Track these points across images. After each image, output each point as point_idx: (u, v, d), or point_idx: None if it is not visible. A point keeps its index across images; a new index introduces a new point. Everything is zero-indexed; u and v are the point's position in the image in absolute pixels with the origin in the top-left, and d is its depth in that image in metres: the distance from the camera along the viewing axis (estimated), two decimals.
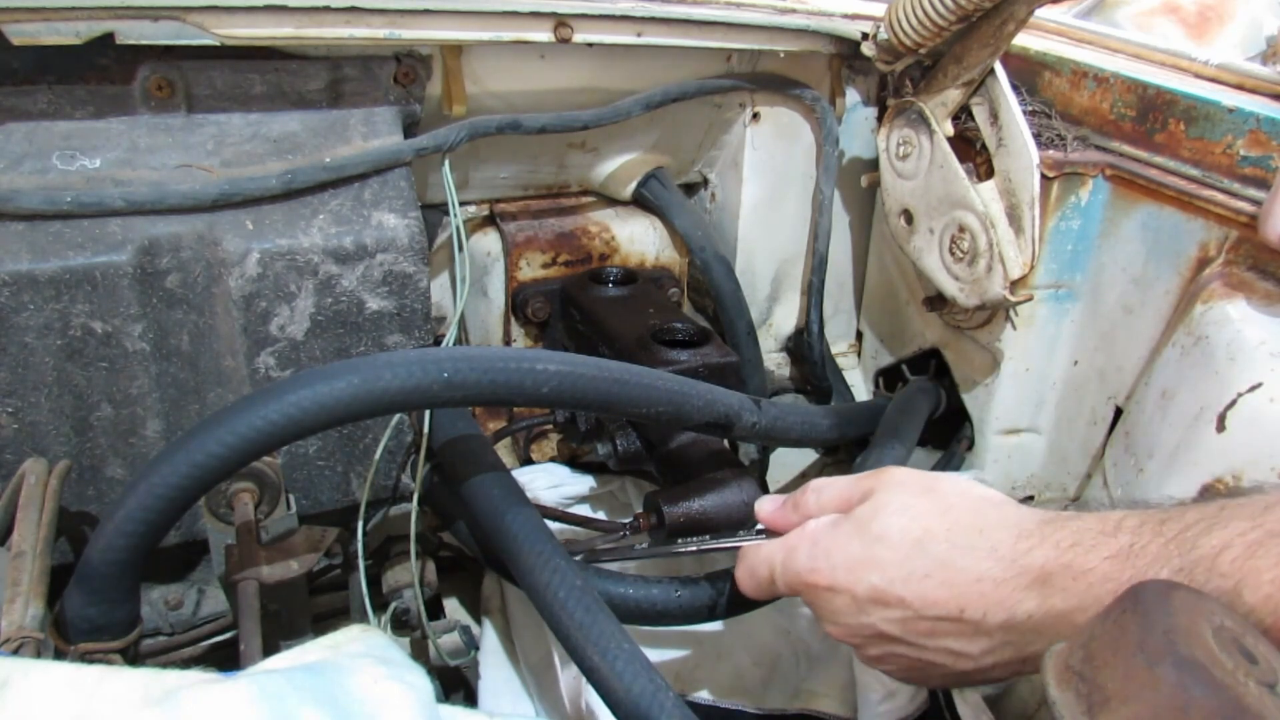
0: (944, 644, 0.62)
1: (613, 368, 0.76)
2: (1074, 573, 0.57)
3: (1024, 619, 0.58)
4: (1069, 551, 0.58)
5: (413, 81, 0.96)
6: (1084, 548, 0.57)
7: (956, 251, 1.01)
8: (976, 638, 0.61)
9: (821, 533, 0.68)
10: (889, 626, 0.64)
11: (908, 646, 0.64)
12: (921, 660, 0.64)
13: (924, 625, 0.62)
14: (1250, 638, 0.45)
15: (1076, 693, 0.47)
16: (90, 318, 0.79)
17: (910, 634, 0.63)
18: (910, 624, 0.63)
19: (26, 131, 0.83)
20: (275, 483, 0.79)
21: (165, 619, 0.97)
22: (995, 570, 0.60)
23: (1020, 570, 0.59)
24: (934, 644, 0.63)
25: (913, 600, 0.62)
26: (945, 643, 0.62)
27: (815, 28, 1.06)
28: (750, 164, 1.22)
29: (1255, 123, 0.85)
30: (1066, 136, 1.00)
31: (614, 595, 0.81)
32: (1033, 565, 0.59)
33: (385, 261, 0.87)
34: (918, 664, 0.65)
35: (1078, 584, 0.57)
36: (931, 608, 0.62)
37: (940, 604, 0.61)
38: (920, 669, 0.65)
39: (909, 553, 0.63)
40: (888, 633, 0.64)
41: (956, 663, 0.62)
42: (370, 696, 0.44)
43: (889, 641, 0.65)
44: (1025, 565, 0.59)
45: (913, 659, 0.65)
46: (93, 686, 0.42)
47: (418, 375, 0.67)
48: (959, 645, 0.62)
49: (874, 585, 0.64)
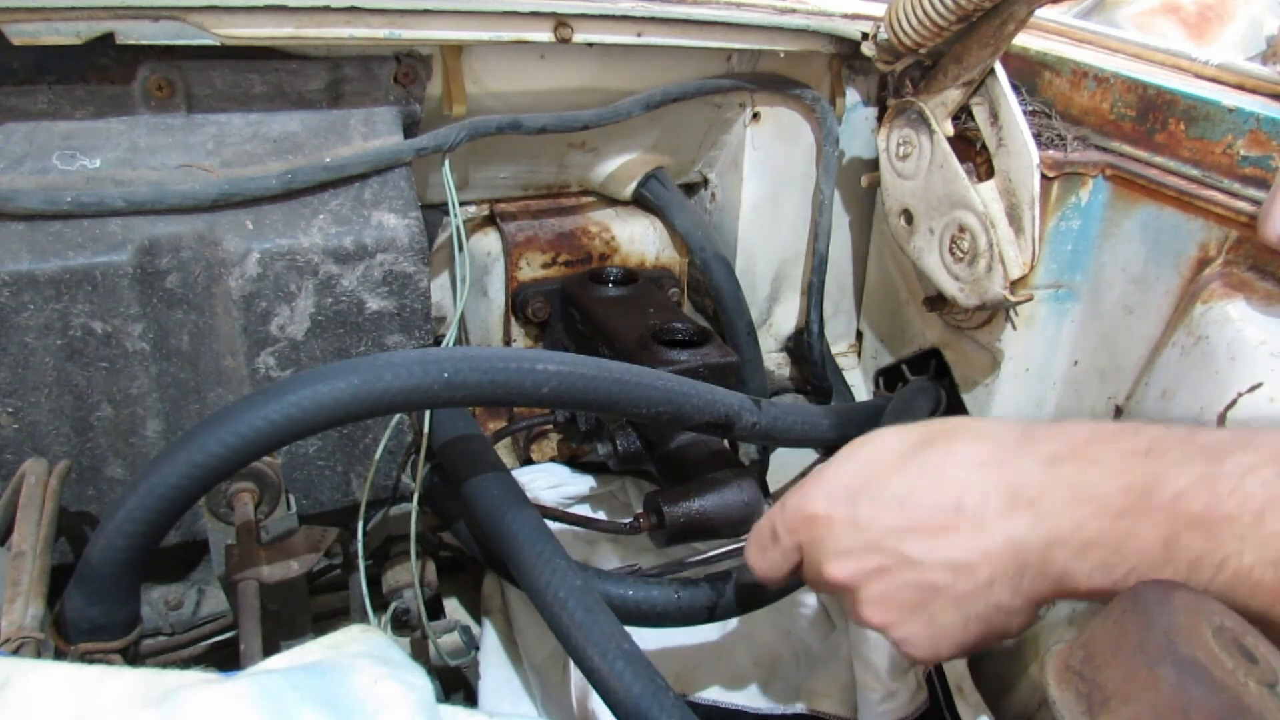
0: (943, 556, 0.57)
1: (613, 368, 0.76)
2: (1085, 461, 0.53)
3: (1025, 509, 0.54)
4: (1084, 443, 0.54)
5: (413, 81, 0.96)
6: (1101, 441, 0.54)
7: (956, 251, 1.01)
8: (978, 535, 0.56)
9: (811, 476, 0.66)
10: (887, 538, 0.59)
11: (907, 569, 0.59)
12: (922, 588, 0.58)
13: (922, 527, 0.58)
14: (1250, 638, 0.45)
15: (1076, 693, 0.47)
16: (90, 318, 0.79)
17: (908, 545, 0.58)
18: (908, 530, 0.59)
19: (26, 131, 0.83)
20: (275, 483, 0.79)
21: (165, 619, 0.97)
22: (996, 455, 0.57)
23: (1027, 454, 0.55)
24: (933, 558, 0.57)
25: (909, 495, 0.59)
26: (945, 554, 0.57)
27: (815, 28, 1.06)
28: (750, 164, 1.22)
29: (1255, 123, 0.85)
30: (1066, 136, 1.00)
31: (614, 596, 0.81)
32: (1040, 451, 0.55)
33: (385, 261, 0.87)
34: (919, 598, 0.59)
35: (1087, 475, 0.53)
36: (929, 499, 0.58)
37: (939, 493, 0.58)
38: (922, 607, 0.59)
39: (903, 457, 0.60)
40: (885, 546, 0.59)
41: (958, 582, 0.57)
42: (370, 696, 0.44)
43: (888, 571, 0.59)
44: (1032, 450, 0.55)
45: (913, 591, 0.59)
46: (93, 686, 0.42)
47: (418, 375, 0.67)
48: (959, 554, 0.56)
49: (869, 492, 0.61)
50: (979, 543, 0.56)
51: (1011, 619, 0.57)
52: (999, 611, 0.57)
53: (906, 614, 0.60)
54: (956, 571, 0.57)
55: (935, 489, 0.58)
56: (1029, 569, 0.54)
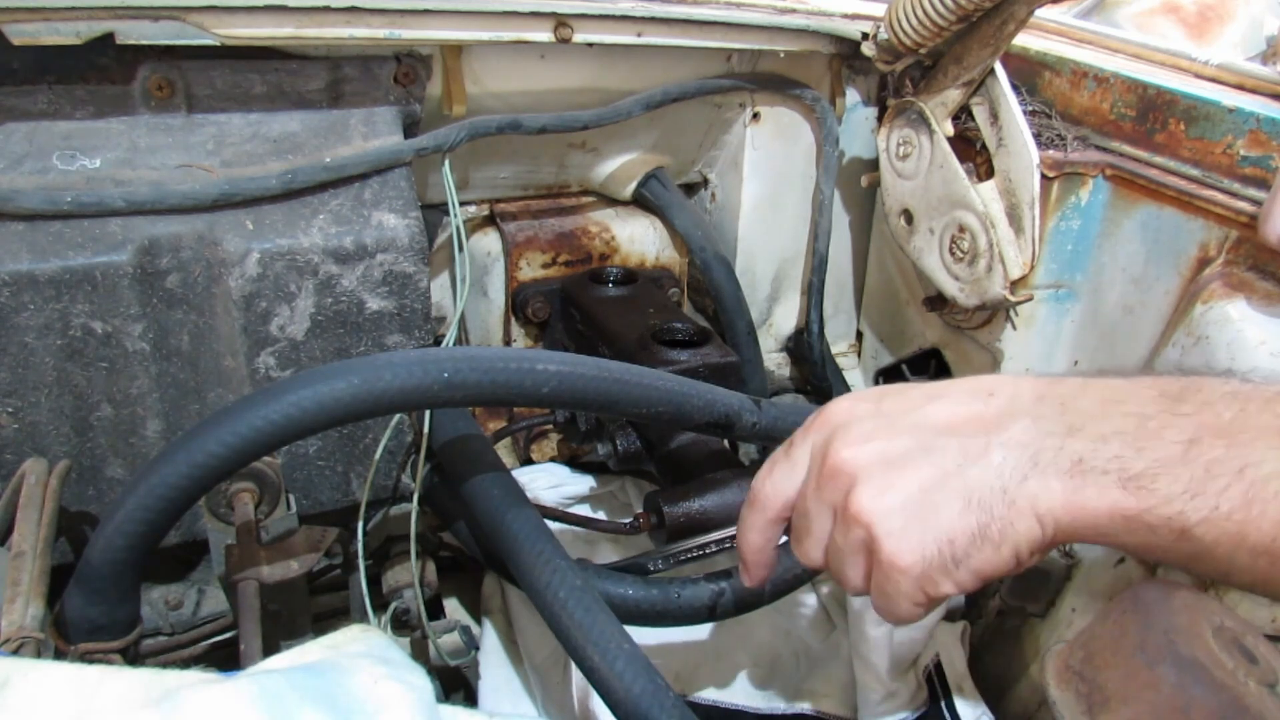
0: (961, 436, 0.54)
1: (613, 368, 0.76)
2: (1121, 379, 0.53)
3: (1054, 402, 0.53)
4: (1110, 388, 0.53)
5: (413, 81, 0.96)
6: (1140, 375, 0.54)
7: (956, 251, 1.01)
8: (1001, 419, 0.54)
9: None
10: (907, 417, 0.56)
11: (919, 449, 0.55)
12: (930, 468, 0.54)
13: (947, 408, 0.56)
14: (1250, 638, 0.45)
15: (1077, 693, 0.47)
16: (90, 318, 0.79)
17: (928, 421, 0.55)
18: (931, 410, 0.56)
19: (26, 131, 0.83)
20: (275, 483, 0.79)
21: (165, 619, 0.97)
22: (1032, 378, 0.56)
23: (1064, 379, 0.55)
24: (950, 438, 0.54)
25: (940, 389, 0.57)
26: (963, 432, 0.54)
27: (815, 28, 1.06)
28: (750, 164, 1.22)
29: (1255, 123, 0.85)
30: (1066, 136, 1.00)
31: (614, 595, 0.81)
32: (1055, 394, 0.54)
33: (385, 261, 0.87)
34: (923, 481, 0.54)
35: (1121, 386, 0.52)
36: (960, 388, 0.57)
37: (972, 385, 0.56)
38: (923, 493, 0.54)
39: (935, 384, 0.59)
40: (903, 424, 0.56)
41: (968, 463, 0.53)
42: (370, 696, 0.44)
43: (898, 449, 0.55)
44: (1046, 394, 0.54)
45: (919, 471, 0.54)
46: (93, 686, 0.42)
47: (418, 375, 0.67)
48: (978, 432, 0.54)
49: (897, 391, 0.59)
50: (1000, 424, 0.54)
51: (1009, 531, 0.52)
52: (1000, 507, 0.52)
53: (903, 500, 0.54)
54: (968, 452, 0.54)
55: (968, 384, 0.57)
56: (1044, 455, 0.52)
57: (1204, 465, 0.47)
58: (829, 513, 0.58)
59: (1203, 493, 0.47)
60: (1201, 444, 0.48)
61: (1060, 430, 0.52)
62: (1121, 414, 0.51)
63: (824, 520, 0.58)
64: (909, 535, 0.54)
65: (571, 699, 0.92)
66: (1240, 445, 0.47)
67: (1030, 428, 0.53)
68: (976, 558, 0.53)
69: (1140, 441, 0.50)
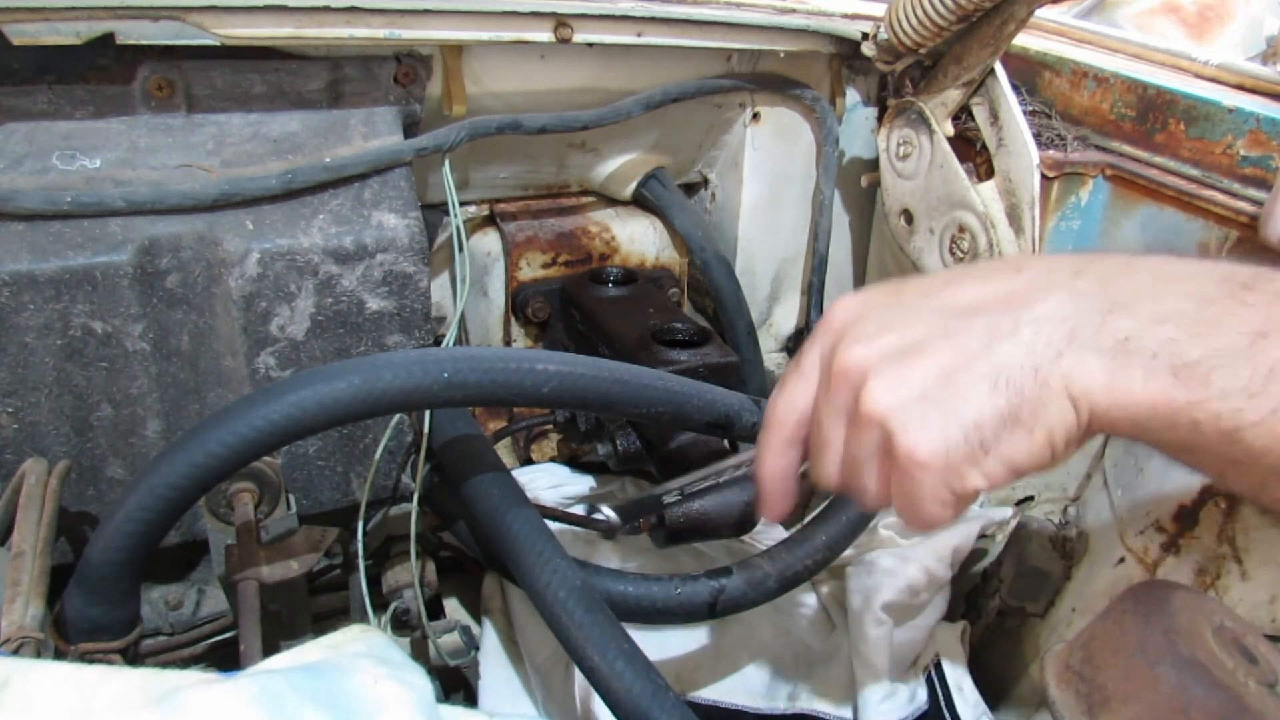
0: (981, 320, 0.48)
1: (613, 368, 0.76)
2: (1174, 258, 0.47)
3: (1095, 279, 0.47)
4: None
5: (413, 81, 0.96)
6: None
7: (957, 251, 1.01)
8: (1032, 291, 0.48)
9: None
10: (925, 301, 0.51)
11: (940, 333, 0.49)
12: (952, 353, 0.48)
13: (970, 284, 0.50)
14: (1250, 638, 0.45)
15: (1076, 693, 0.47)
16: (90, 318, 0.79)
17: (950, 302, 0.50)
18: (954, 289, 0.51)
19: (26, 131, 0.83)
20: (275, 483, 0.79)
21: (165, 619, 0.97)
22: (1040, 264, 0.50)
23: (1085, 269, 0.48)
24: (969, 324, 0.48)
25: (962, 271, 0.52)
26: (989, 310, 0.48)
27: (815, 28, 1.06)
28: (750, 164, 1.22)
29: (1255, 123, 0.85)
30: (1066, 136, 1.00)
31: (614, 593, 0.81)
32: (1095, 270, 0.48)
33: (385, 261, 0.87)
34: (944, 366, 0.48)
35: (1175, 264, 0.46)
36: (988, 265, 0.52)
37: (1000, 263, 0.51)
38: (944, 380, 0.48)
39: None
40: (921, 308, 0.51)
41: (995, 340, 0.47)
42: (370, 696, 0.44)
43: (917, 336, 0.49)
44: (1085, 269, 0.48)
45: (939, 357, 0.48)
46: (93, 686, 0.42)
47: (418, 375, 0.67)
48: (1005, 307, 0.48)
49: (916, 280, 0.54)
50: (1031, 299, 0.47)
51: (1041, 413, 0.46)
52: (1032, 386, 0.46)
53: (920, 389, 0.48)
54: (995, 330, 0.47)
55: (994, 263, 0.52)
56: (1084, 330, 0.45)
57: (1269, 362, 0.41)
58: (842, 419, 0.51)
59: (1263, 392, 0.41)
60: (1270, 338, 0.42)
61: (1103, 306, 0.45)
62: (1178, 293, 0.45)
63: (838, 428, 0.52)
64: (929, 424, 0.47)
65: (573, 699, 0.92)
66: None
67: (1067, 302, 0.46)
68: (1007, 443, 0.46)
69: (1199, 327, 0.43)
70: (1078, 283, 0.47)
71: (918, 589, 0.97)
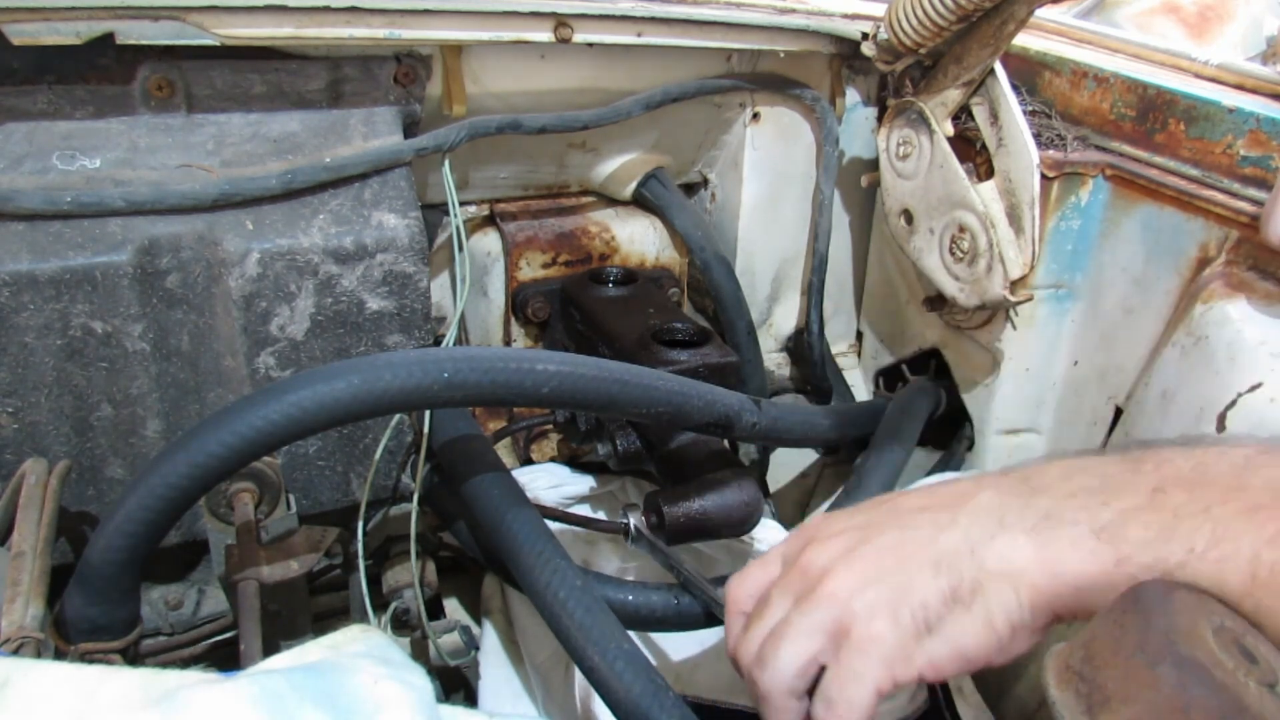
0: (926, 516, 0.56)
1: (613, 368, 0.76)
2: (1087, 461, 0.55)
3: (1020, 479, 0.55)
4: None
5: (413, 81, 0.96)
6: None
7: (956, 251, 1.01)
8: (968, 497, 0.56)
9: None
10: (881, 508, 0.60)
11: (892, 528, 0.56)
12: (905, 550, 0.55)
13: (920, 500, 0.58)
14: (1251, 638, 0.45)
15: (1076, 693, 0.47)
16: (90, 318, 0.79)
17: (902, 510, 0.58)
18: (905, 502, 0.59)
19: (26, 131, 0.83)
20: (275, 483, 0.79)
21: (165, 619, 0.97)
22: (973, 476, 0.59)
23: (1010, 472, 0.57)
24: (916, 519, 0.56)
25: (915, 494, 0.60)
26: (934, 512, 0.56)
27: (815, 28, 1.06)
28: (750, 164, 1.22)
29: (1255, 123, 0.85)
30: (1066, 136, 1.00)
31: (613, 601, 0.81)
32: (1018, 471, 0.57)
33: (385, 261, 0.87)
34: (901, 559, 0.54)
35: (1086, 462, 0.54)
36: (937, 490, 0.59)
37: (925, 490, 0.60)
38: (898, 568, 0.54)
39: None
40: (878, 515, 0.59)
41: (939, 537, 0.54)
42: (370, 696, 0.44)
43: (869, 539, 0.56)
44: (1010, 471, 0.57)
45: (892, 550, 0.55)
46: (93, 686, 0.42)
47: (418, 375, 0.67)
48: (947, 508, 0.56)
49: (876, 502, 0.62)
50: (966, 496, 0.55)
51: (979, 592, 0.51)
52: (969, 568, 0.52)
53: (876, 573, 0.54)
54: (938, 523, 0.55)
55: (937, 480, 0.60)
56: (1010, 514, 0.52)
57: (1171, 510, 0.48)
58: (790, 600, 0.57)
59: (1175, 536, 0.47)
60: (1166, 492, 0.49)
61: (1025, 492, 0.53)
62: (1084, 475, 0.53)
63: (782, 604, 0.57)
64: (882, 603, 0.53)
65: (573, 699, 0.92)
66: (1200, 488, 0.48)
67: (994, 496, 0.54)
68: (950, 624, 0.51)
69: (1105, 495, 0.50)
70: (1003, 480, 0.55)
71: None
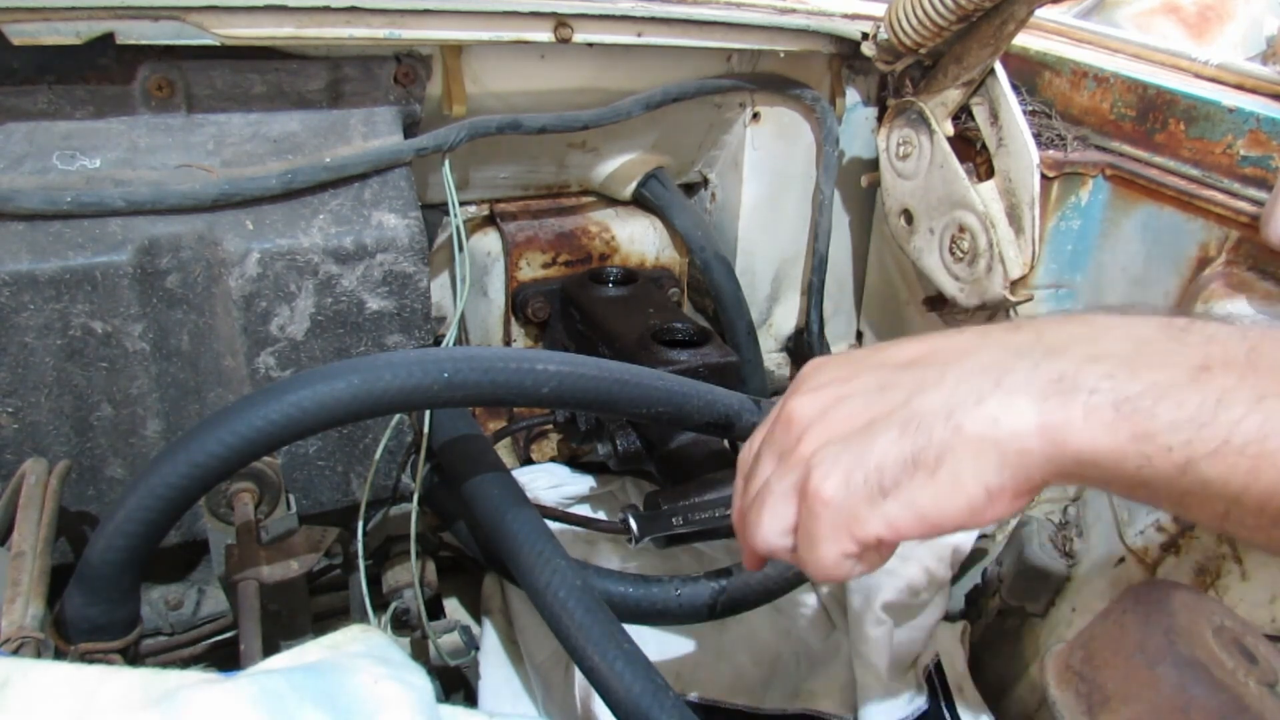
0: (912, 373, 0.49)
1: (613, 368, 0.76)
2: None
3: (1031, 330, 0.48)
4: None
5: (413, 81, 0.96)
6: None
7: (956, 251, 1.01)
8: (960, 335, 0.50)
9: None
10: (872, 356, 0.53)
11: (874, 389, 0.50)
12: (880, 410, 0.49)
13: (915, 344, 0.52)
14: (1250, 638, 0.45)
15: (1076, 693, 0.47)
16: (90, 318, 0.79)
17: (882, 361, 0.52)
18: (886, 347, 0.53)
19: (26, 131, 0.83)
20: (275, 483, 0.79)
21: (165, 619, 0.97)
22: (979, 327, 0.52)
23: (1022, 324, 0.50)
24: (900, 377, 0.50)
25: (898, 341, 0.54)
26: (916, 370, 0.49)
27: (815, 28, 1.06)
28: (750, 164, 1.22)
29: (1255, 123, 0.85)
30: (1066, 136, 1.00)
31: (614, 594, 0.81)
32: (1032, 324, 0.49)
33: (385, 261, 0.87)
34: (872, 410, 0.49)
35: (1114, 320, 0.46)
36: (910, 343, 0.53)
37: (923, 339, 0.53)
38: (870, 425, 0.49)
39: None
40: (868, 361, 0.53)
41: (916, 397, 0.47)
42: (370, 696, 0.44)
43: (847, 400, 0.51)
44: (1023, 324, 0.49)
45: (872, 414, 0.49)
46: (93, 686, 0.42)
47: (418, 375, 0.67)
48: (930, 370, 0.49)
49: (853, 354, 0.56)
50: (964, 352, 0.48)
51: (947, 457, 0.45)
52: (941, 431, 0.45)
53: (844, 435, 0.49)
54: (922, 381, 0.48)
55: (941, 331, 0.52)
56: (1013, 376, 0.45)
57: (1216, 393, 0.40)
58: (774, 460, 0.53)
59: (1213, 422, 0.40)
60: (1212, 371, 0.41)
61: (1036, 352, 0.45)
62: (1114, 337, 0.45)
63: (766, 467, 0.53)
64: (838, 465, 0.48)
65: (573, 699, 0.92)
66: (1255, 374, 0.41)
67: (998, 354, 0.46)
68: (909, 488, 0.46)
69: (1138, 363, 0.43)
70: (1013, 336, 0.48)
71: (918, 589, 0.97)
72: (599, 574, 0.82)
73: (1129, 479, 0.42)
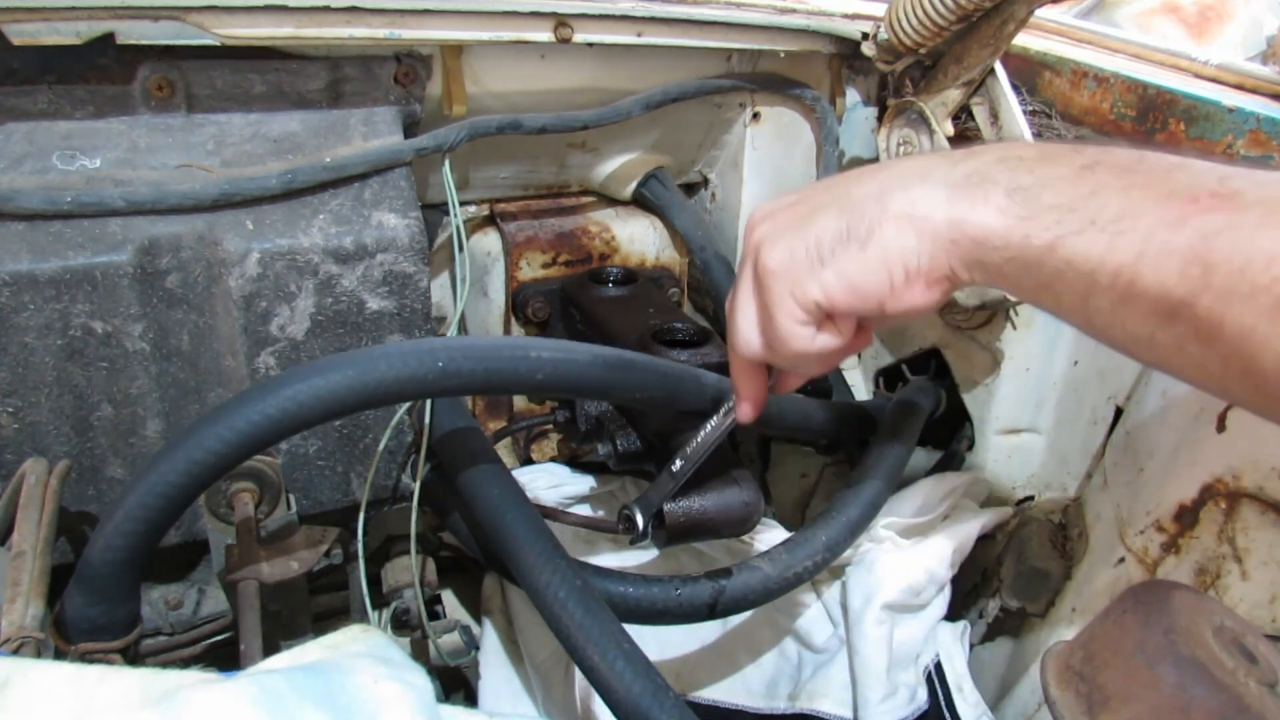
0: (853, 177, 0.57)
1: (605, 353, 0.76)
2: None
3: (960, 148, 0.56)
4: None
5: (413, 81, 0.96)
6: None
7: None
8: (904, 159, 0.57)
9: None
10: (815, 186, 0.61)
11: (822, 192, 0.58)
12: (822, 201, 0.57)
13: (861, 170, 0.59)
14: (1250, 638, 0.45)
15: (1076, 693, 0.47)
16: (90, 318, 0.79)
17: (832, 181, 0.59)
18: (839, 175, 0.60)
19: (26, 131, 0.83)
20: (275, 482, 0.79)
21: (165, 619, 0.97)
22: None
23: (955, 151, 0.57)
24: (844, 181, 0.58)
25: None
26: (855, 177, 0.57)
27: (815, 28, 1.06)
28: (750, 164, 1.22)
29: (1255, 123, 0.85)
30: (1066, 136, 1.00)
31: (614, 594, 0.81)
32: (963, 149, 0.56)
33: (385, 261, 0.87)
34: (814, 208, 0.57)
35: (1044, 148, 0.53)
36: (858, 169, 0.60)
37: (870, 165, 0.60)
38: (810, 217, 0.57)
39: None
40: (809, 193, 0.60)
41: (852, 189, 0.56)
42: (370, 696, 0.44)
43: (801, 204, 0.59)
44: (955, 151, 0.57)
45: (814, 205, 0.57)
46: (93, 686, 0.42)
47: (413, 365, 0.67)
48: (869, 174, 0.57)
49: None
50: (903, 161, 0.56)
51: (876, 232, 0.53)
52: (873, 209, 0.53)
53: (787, 225, 0.57)
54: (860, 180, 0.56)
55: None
56: (936, 171, 0.53)
57: (1091, 185, 0.48)
58: (747, 278, 0.60)
59: (1084, 207, 0.47)
60: (1096, 170, 0.48)
61: (960, 158, 0.53)
62: (1026, 149, 0.52)
63: (740, 284, 0.61)
64: (782, 240, 0.56)
65: (573, 699, 0.92)
66: (1130, 173, 0.47)
67: (927, 159, 0.55)
68: (842, 257, 0.54)
69: (1036, 164, 0.50)
70: (946, 154, 0.55)
71: (918, 589, 0.97)
72: (599, 574, 0.82)
73: (1014, 261, 0.49)
